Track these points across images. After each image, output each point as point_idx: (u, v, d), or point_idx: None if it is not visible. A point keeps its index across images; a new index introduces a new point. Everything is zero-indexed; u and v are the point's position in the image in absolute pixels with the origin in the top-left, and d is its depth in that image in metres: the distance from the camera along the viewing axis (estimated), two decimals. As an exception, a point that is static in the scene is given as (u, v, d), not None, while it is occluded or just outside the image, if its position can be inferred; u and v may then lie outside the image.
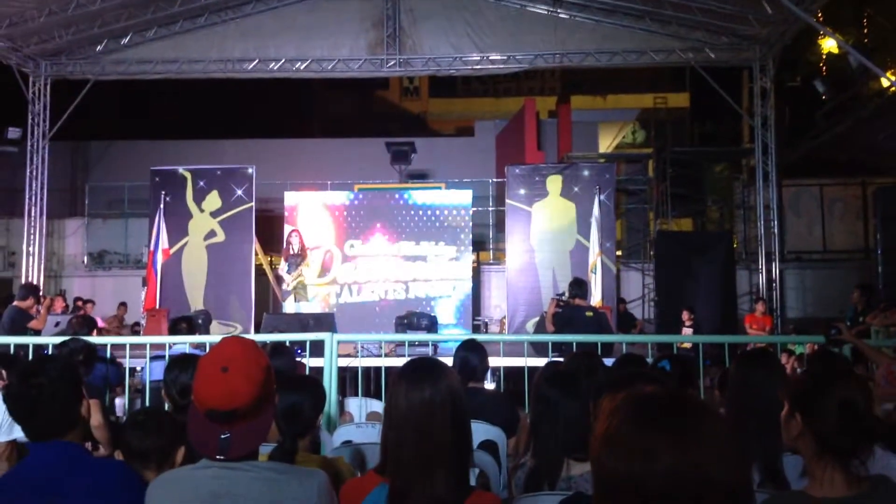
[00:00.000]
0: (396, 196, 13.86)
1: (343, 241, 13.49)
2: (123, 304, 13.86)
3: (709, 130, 21.37)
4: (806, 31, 12.60)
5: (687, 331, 11.05)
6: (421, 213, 13.53)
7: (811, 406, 1.98)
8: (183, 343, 5.80)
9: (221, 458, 1.86)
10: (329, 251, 13.44)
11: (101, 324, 12.43)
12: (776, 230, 13.63)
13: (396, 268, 13.40)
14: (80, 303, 13.25)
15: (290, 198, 13.78)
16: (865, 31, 15.25)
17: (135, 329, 13.31)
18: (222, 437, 1.85)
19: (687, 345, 8.91)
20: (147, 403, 5.18)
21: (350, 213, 13.63)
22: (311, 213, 13.59)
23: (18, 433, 3.81)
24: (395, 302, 13.16)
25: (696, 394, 1.21)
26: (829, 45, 14.75)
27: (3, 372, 4.52)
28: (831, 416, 1.93)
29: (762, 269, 13.65)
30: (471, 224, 13.60)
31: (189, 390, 3.33)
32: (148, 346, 5.73)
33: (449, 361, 4.45)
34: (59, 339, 5.28)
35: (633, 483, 1.08)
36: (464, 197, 13.75)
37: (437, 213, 13.50)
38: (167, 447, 2.58)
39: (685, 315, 11.44)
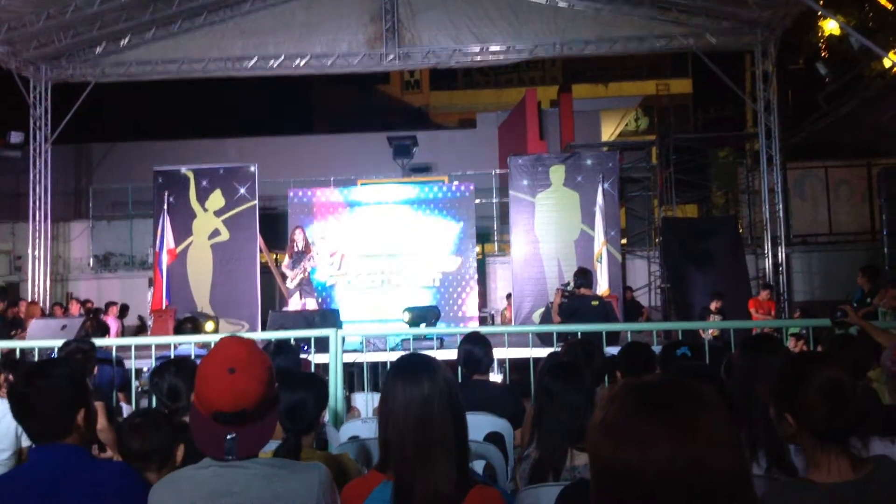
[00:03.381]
0: (399, 190, 13.84)
1: (349, 240, 13.47)
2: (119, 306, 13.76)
3: (712, 116, 21.27)
4: (807, 13, 12.52)
5: (715, 317, 10.62)
6: (424, 206, 13.52)
7: (795, 402, 1.97)
8: (188, 343, 5.80)
9: (230, 458, 1.87)
10: (342, 254, 13.46)
11: (114, 330, 12.46)
12: (781, 214, 13.59)
13: (402, 262, 13.39)
14: (90, 305, 13.30)
15: (294, 195, 13.79)
16: (867, 12, 15.14)
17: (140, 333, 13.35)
18: (228, 437, 1.86)
19: (714, 332, 8.86)
20: (154, 404, 5.18)
21: (354, 208, 13.62)
22: (316, 210, 13.59)
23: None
24: (400, 298, 13.15)
25: (695, 383, 1.19)
26: (830, 26, 14.64)
27: (10, 375, 4.52)
28: (818, 406, 1.92)
29: (768, 253, 13.61)
30: (475, 216, 13.57)
31: (177, 393, 3.34)
32: (153, 347, 5.74)
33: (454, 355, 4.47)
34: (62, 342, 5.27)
35: (629, 471, 1.07)
36: (467, 189, 13.73)
37: (441, 206, 13.48)
38: (166, 447, 2.59)
39: (714, 303, 10.91)
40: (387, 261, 13.42)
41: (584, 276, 8.37)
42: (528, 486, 2.74)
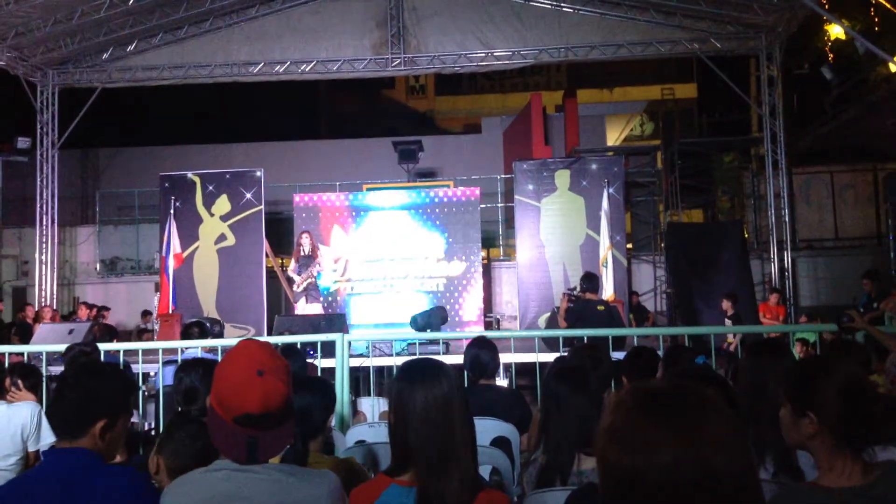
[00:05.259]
0: (405, 195, 13.85)
1: (354, 245, 13.47)
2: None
3: (717, 120, 21.29)
4: (812, 17, 12.51)
5: (728, 321, 10.37)
6: (430, 211, 13.52)
7: (815, 401, 1.94)
8: (195, 347, 5.81)
9: (250, 462, 1.88)
10: (346, 259, 13.45)
11: None
12: (787, 219, 13.57)
13: (407, 266, 13.39)
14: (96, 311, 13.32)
15: (299, 200, 13.80)
16: (873, 16, 15.12)
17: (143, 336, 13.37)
18: (250, 440, 1.86)
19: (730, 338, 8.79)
20: (161, 408, 5.20)
21: (359, 213, 13.63)
22: (321, 215, 13.60)
23: (47, 439, 3.85)
24: (404, 302, 13.16)
25: (701, 387, 1.20)
26: (835, 31, 14.63)
27: (20, 381, 4.53)
28: (839, 404, 1.90)
29: (774, 258, 13.58)
30: (480, 221, 13.56)
31: (195, 395, 3.33)
32: (161, 351, 5.75)
33: (460, 359, 4.47)
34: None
35: (636, 475, 1.08)
36: (472, 194, 13.73)
37: (446, 210, 13.48)
38: (201, 463, 2.59)
39: (726, 303, 10.61)
40: (391, 265, 13.41)
41: (591, 280, 8.36)
42: (536, 490, 2.75)
